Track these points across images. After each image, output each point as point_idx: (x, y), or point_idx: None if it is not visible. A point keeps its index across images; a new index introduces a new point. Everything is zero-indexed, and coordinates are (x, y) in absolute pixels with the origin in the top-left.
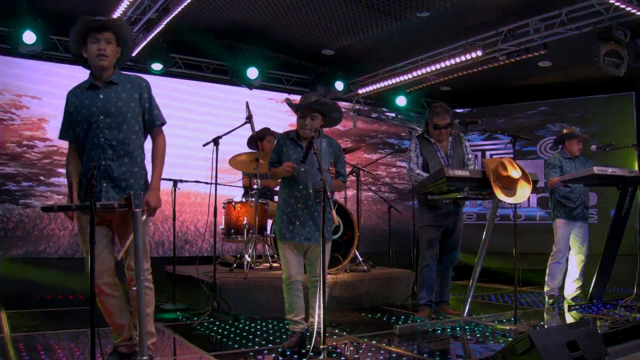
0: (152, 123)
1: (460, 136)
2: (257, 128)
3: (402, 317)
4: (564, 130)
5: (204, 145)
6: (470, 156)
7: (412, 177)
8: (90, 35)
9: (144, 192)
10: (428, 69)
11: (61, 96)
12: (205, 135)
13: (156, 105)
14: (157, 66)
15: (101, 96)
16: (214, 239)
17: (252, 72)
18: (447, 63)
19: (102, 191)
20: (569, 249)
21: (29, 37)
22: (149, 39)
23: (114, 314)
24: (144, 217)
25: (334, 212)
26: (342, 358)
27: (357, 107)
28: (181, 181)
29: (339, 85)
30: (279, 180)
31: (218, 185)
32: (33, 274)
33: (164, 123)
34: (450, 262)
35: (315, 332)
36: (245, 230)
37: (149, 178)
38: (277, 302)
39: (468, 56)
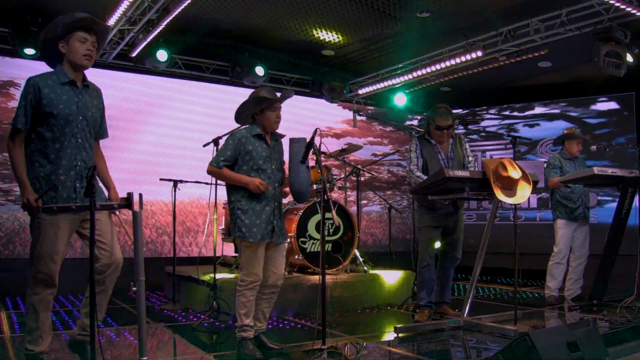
0: (102, 135)
1: (461, 137)
2: None
3: (403, 317)
4: (564, 131)
5: (204, 146)
6: (470, 157)
7: (412, 178)
8: (78, 32)
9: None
10: (428, 70)
11: None
12: (206, 135)
13: (105, 119)
14: (162, 55)
15: (80, 97)
16: (214, 239)
17: (259, 71)
18: (448, 63)
19: (76, 191)
20: (570, 249)
21: (29, 51)
22: (149, 39)
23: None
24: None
25: (334, 212)
26: (343, 358)
27: (357, 107)
28: (181, 181)
29: (339, 87)
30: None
31: (218, 186)
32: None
33: (107, 137)
34: (451, 263)
35: (263, 334)
36: None
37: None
38: (278, 302)
39: (468, 56)
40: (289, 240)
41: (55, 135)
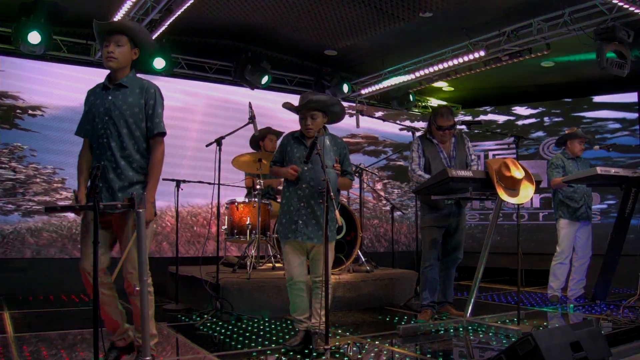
0: (150, 131)
1: (463, 137)
2: (260, 128)
3: (405, 317)
4: (566, 131)
5: (207, 146)
6: (473, 157)
7: (414, 178)
8: (104, 38)
9: None
10: (431, 69)
11: (63, 96)
12: (208, 135)
13: (158, 114)
14: (159, 63)
15: (110, 97)
16: (216, 240)
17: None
18: (450, 63)
19: (100, 191)
20: (573, 249)
21: (34, 37)
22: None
23: (108, 312)
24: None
25: (337, 212)
26: (345, 358)
27: (359, 107)
28: (184, 181)
29: (343, 87)
30: (282, 179)
31: (221, 186)
32: (35, 274)
33: (162, 133)
34: (453, 263)
35: (317, 333)
36: (248, 231)
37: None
38: (280, 302)
39: (471, 56)
40: None
41: (93, 138)
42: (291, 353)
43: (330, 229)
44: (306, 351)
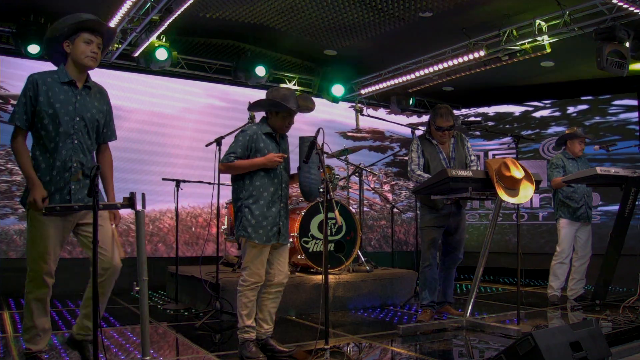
0: (109, 137)
1: (463, 137)
2: None
3: (405, 317)
4: (566, 131)
5: (206, 146)
6: (472, 157)
7: (414, 178)
8: (84, 33)
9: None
10: (431, 69)
11: None
12: (208, 135)
13: (113, 120)
14: (161, 54)
15: (79, 97)
16: (216, 239)
17: (260, 71)
18: (450, 63)
19: (71, 193)
20: (573, 249)
21: (34, 49)
22: (151, 39)
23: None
24: (113, 226)
25: (337, 212)
26: (345, 358)
27: (359, 107)
28: (184, 181)
29: (339, 90)
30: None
31: (221, 186)
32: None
33: (116, 139)
34: (453, 263)
35: (270, 337)
36: None
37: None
38: (280, 302)
39: (471, 56)
40: (291, 240)
41: (50, 134)
42: (290, 354)
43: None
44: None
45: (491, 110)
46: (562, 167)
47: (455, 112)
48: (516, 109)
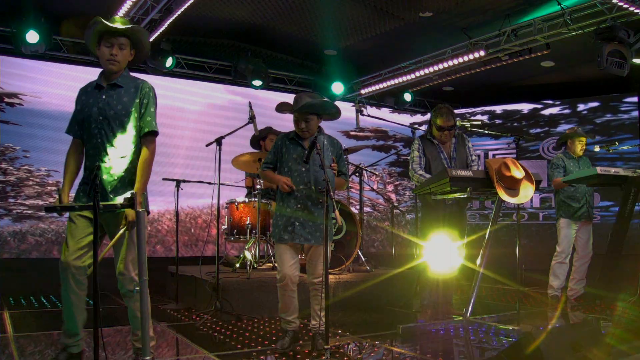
0: (142, 129)
1: (464, 137)
2: (260, 128)
3: (405, 317)
4: (567, 131)
5: (207, 146)
6: (473, 157)
7: (415, 177)
8: (105, 37)
9: None
10: (431, 69)
11: (62, 96)
12: (208, 135)
13: (151, 113)
14: (167, 61)
15: (104, 97)
16: (216, 239)
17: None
18: (450, 63)
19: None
20: (573, 249)
21: (32, 36)
22: (151, 39)
23: (75, 313)
24: (121, 231)
25: (337, 212)
26: (345, 358)
27: (360, 107)
28: (184, 181)
29: (339, 88)
30: None
31: (221, 186)
32: (37, 274)
33: (153, 132)
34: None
35: (319, 334)
36: (248, 231)
37: None
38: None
39: (471, 56)
40: None
41: (85, 138)
42: (291, 353)
43: (329, 229)
44: (307, 351)
45: (499, 107)
46: (562, 167)
47: (462, 110)
48: (524, 107)
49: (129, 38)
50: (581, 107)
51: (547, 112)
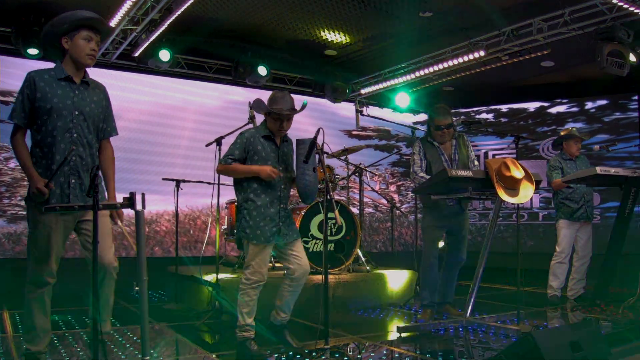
0: (109, 133)
1: (465, 139)
2: None
3: (405, 317)
4: (561, 132)
5: (206, 146)
6: (473, 156)
7: (416, 180)
8: (84, 31)
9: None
10: (431, 69)
11: None
12: (208, 135)
13: (113, 116)
14: (164, 55)
15: (77, 92)
16: (216, 239)
17: (261, 71)
18: (450, 63)
19: (70, 187)
20: (572, 249)
21: (33, 51)
22: (151, 39)
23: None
24: (115, 223)
25: (337, 212)
26: (345, 358)
27: (359, 107)
28: (184, 181)
29: (341, 87)
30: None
31: (220, 186)
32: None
33: (117, 134)
34: (457, 264)
35: (286, 328)
36: None
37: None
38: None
39: (471, 56)
40: None
41: (48, 129)
42: (290, 353)
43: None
44: (306, 351)
45: (504, 106)
46: (560, 169)
47: (466, 108)
48: (530, 105)
49: (101, 37)
50: (589, 104)
51: (554, 110)
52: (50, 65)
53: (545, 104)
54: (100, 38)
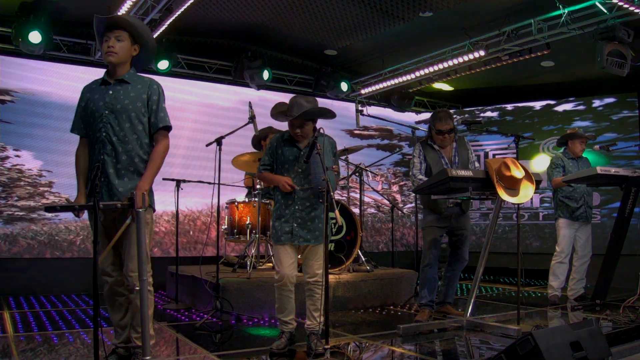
0: (155, 125)
1: (465, 141)
2: (261, 128)
3: (405, 317)
4: (567, 131)
5: (207, 145)
6: (473, 158)
7: (415, 182)
8: (104, 33)
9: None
10: (431, 69)
11: (63, 96)
12: (208, 135)
13: (163, 109)
14: (163, 64)
15: (110, 92)
16: (216, 239)
17: (264, 75)
18: (450, 63)
19: (98, 188)
20: (572, 249)
21: (35, 37)
22: None
23: (118, 312)
24: (128, 222)
25: (337, 212)
26: (346, 358)
27: (360, 107)
28: (184, 181)
29: (343, 86)
30: None
31: (221, 185)
32: (37, 274)
33: (167, 127)
34: (459, 265)
35: (313, 334)
36: (248, 230)
37: None
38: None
39: (471, 56)
40: None
41: (89, 133)
42: (288, 353)
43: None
44: (307, 352)
45: (510, 104)
46: (562, 167)
47: (471, 107)
48: (536, 103)
49: (127, 31)
50: (597, 102)
51: (560, 108)
52: (52, 65)
53: (552, 102)
54: (123, 32)
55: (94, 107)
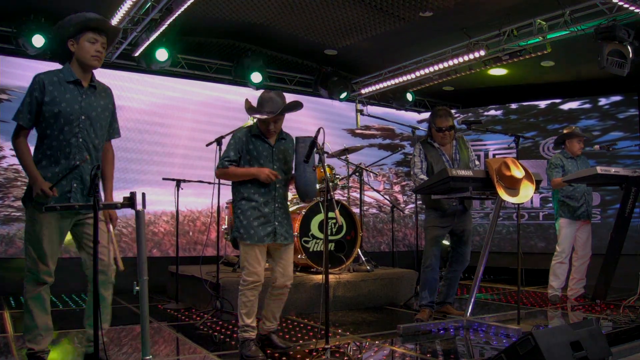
0: (112, 135)
1: (465, 140)
2: None
3: (406, 317)
4: (564, 130)
5: (207, 145)
6: (473, 156)
7: (416, 182)
8: (89, 33)
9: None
10: (431, 69)
11: None
12: (208, 135)
13: (117, 119)
14: (162, 55)
15: (84, 96)
16: (217, 239)
17: (256, 77)
18: (450, 63)
19: (71, 191)
20: (573, 248)
21: (38, 40)
22: (152, 38)
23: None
24: (110, 228)
25: (337, 212)
26: (346, 358)
27: (360, 106)
28: (184, 181)
29: (342, 96)
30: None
31: (221, 185)
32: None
33: (119, 136)
34: (460, 266)
35: (272, 333)
36: None
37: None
38: None
39: (471, 56)
40: None
41: (54, 133)
42: (291, 353)
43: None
44: (306, 351)
45: (515, 103)
46: (561, 167)
47: (472, 106)
48: (541, 102)
49: (109, 39)
50: (603, 101)
51: (565, 107)
52: (52, 65)
53: (557, 101)
54: (106, 39)
55: (67, 108)
